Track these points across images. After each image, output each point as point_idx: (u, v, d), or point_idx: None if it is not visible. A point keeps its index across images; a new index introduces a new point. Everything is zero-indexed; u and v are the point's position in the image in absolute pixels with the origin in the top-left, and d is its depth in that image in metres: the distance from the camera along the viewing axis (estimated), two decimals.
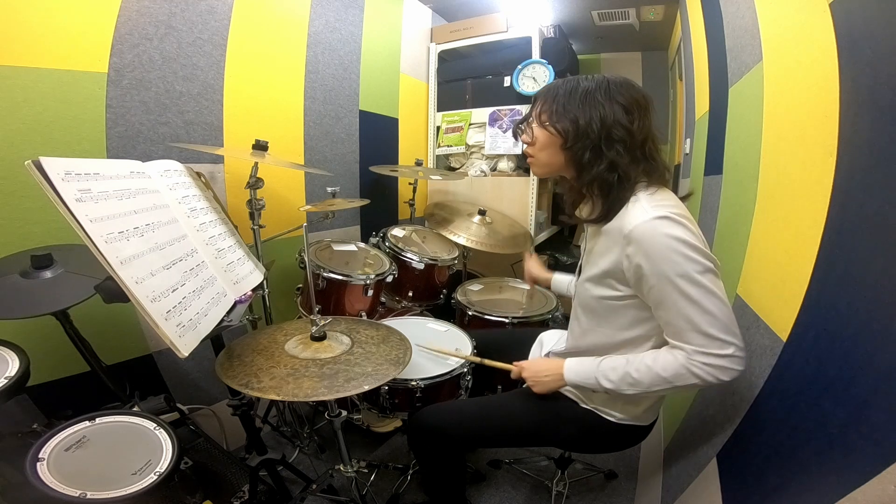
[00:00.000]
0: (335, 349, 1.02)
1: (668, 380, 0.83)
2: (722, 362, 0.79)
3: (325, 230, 1.98)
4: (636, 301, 0.89)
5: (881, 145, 0.62)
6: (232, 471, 1.06)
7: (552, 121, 0.90)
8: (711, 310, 0.78)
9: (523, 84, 2.32)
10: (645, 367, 0.86)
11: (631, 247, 0.82)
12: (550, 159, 0.94)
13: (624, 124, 0.85)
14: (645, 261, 0.80)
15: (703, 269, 0.78)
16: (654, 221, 0.79)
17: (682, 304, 0.79)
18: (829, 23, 0.76)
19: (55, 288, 0.93)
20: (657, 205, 0.82)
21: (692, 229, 0.80)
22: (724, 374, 0.79)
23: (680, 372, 0.82)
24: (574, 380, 0.96)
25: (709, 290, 0.78)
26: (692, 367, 0.80)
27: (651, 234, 0.79)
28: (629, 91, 0.87)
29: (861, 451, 0.55)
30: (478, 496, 1.50)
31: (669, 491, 1.23)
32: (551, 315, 1.63)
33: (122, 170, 0.87)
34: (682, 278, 0.77)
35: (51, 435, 0.77)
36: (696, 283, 0.77)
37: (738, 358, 0.79)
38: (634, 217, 0.82)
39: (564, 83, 0.91)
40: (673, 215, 0.79)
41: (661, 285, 0.80)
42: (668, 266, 0.78)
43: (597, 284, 0.94)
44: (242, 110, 1.62)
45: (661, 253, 0.78)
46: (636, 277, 0.83)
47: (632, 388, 0.88)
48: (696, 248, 0.78)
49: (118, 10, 1.24)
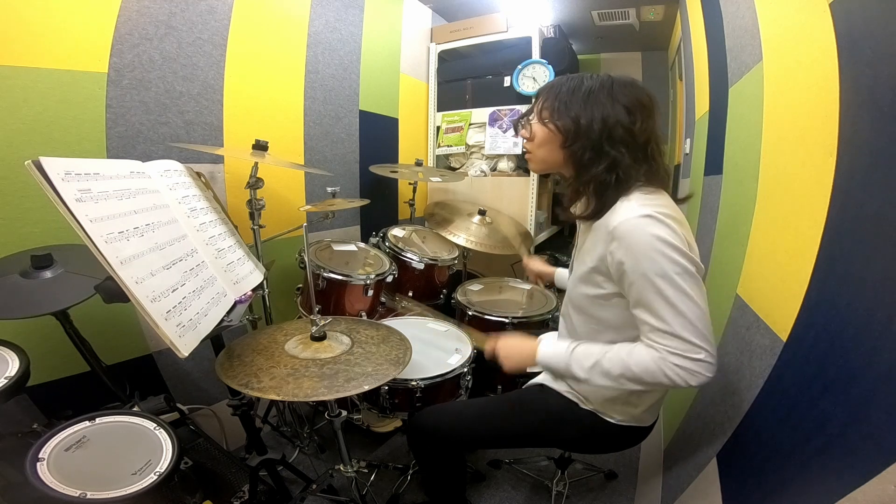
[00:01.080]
0: (335, 349, 1.02)
1: (637, 375, 0.82)
2: (693, 366, 0.78)
3: (325, 230, 1.98)
4: (622, 300, 0.88)
5: (881, 145, 0.62)
6: (232, 471, 1.06)
7: (553, 118, 0.89)
8: (686, 312, 0.77)
9: (523, 84, 2.32)
10: (618, 359, 0.84)
11: (615, 243, 0.82)
12: (548, 156, 0.94)
13: (626, 125, 0.84)
14: (626, 257, 0.80)
15: (682, 271, 0.77)
16: (639, 219, 0.79)
17: (657, 304, 0.78)
18: (829, 23, 0.76)
19: (55, 288, 0.93)
20: (645, 204, 0.82)
21: (677, 231, 0.79)
22: (693, 379, 0.78)
23: (651, 369, 0.80)
24: (545, 360, 0.95)
25: (685, 292, 0.77)
26: (664, 366, 0.79)
27: (634, 231, 0.79)
28: (633, 91, 0.86)
29: (861, 451, 0.55)
30: (478, 496, 1.51)
31: (669, 491, 1.23)
32: (551, 315, 1.63)
33: (122, 170, 0.87)
34: (661, 278, 0.77)
35: (51, 435, 0.77)
36: (674, 284, 0.77)
37: (709, 364, 0.78)
38: (621, 214, 0.82)
39: (568, 80, 0.90)
40: (658, 215, 0.79)
41: (640, 283, 0.80)
42: (648, 264, 0.78)
43: (584, 282, 0.93)
44: (242, 110, 1.62)
45: (641, 250, 0.78)
46: (618, 274, 0.84)
47: (600, 378, 0.86)
48: (677, 249, 0.77)
49: (118, 10, 1.24)
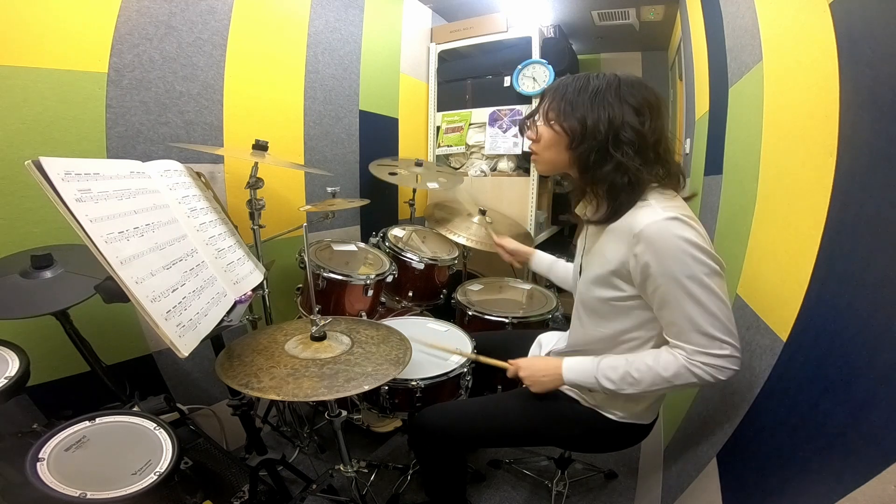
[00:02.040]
0: (335, 349, 1.02)
1: (668, 379, 0.85)
2: (720, 362, 0.81)
3: (325, 230, 1.98)
4: (639, 302, 0.89)
5: (881, 145, 0.62)
6: (232, 471, 1.06)
7: (559, 119, 0.89)
8: (714, 311, 0.79)
9: (523, 84, 2.33)
10: (646, 367, 0.87)
11: (640, 245, 0.82)
12: (555, 157, 0.93)
13: (634, 126, 0.84)
14: (654, 260, 0.81)
15: (710, 272, 0.79)
16: (665, 222, 0.79)
17: (687, 305, 0.80)
18: (829, 23, 0.76)
19: (55, 288, 0.93)
20: (668, 207, 0.82)
21: (701, 232, 0.81)
22: (721, 374, 0.81)
23: (680, 371, 0.83)
24: (573, 379, 0.96)
25: (714, 292, 0.79)
26: (692, 366, 0.82)
27: (662, 235, 0.79)
28: (641, 91, 0.85)
29: (861, 451, 0.55)
30: (478, 496, 1.50)
31: (669, 491, 1.23)
32: (551, 315, 1.63)
33: (122, 170, 0.87)
34: (689, 279, 0.78)
35: (51, 435, 0.77)
36: (703, 285, 0.78)
37: (735, 358, 0.81)
38: (645, 216, 0.82)
39: (574, 80, 0.89)
40: (684, 217, 0.80)
41: (668, 285, 0.80)
42: (677, 267, 0.79)
43: (600, 285, 0.93)
44: (242, 110, 1.62)
45: (670, 253, 0.79)
46: (643, 277, 0.84)
47: (632, 388, 0.89)
48: (704, 251, 0.79)
49: (118, 10, 1.24)
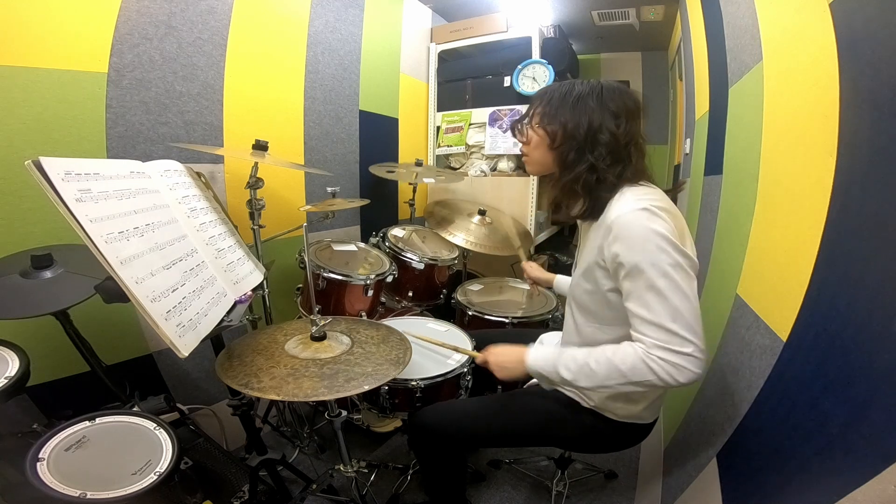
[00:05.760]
0: (335, 349, 1.02)
1: (624, 373, 0.82)
2: (679, 360, 0.77)
3: (325, 230, 1.98)
4: (620, 296, 0.88)
5: (881, 145, 0.62)
6: (232, 471, 1.06)
7: (543, 123, 0.95)
8: (677, 305, 0.78)
9: (523, 84, 2.32)
10: (605, 359, 0.85)
11: (611, 235, 0.84)
12: (541, 158, 0.99)
13: (611, 129, 0.89)
14: (622, 248, 0.82)
15: (675, 264, 0.79)
16: (635, 212, 0.82)
17: (648, 295, 0.80)
18: (829, 23, 0.76)
19: (55, 288, 0.93)
20: (641, 198, 0.85)
21: (670, 224, 0.81)
22: (679, 375, 0.78)
23: (637, 365, 0.80)
24: (534, 367, 0.96)
25: (678, 285, 0.78)
26: (649, 360, 0.79)
27: (629, 224, 0.82)
28: (621, 98, 0.91)
29: (861, 451, 0.55)
30: (478, 496, 1.50)
31: (669, 491, 1.23)
32: (551, 315, 1.63)
33: (122, 170, 0.87)
34: (652, 267, 0.79)
35: (51, 435, 0.77)
36: (666, 276, 0.78)
37: (697, 359, 0.77)
38: (618, 208, 0.85)
39: (560, 87, 0.95)
40: (653, 208, 0.82)
41: (632, 273, 0.81)
42: (641, 255, 0.80)
43: (586, 279, 0.95)
44: (242, 110, 1.62)
45: (636, 242, 0.81)
46: (614, 266, 0.85)
47: (587, 380, 0.87)
48: (670, 242, 0.79)
49: (118, 10, 1.24)
